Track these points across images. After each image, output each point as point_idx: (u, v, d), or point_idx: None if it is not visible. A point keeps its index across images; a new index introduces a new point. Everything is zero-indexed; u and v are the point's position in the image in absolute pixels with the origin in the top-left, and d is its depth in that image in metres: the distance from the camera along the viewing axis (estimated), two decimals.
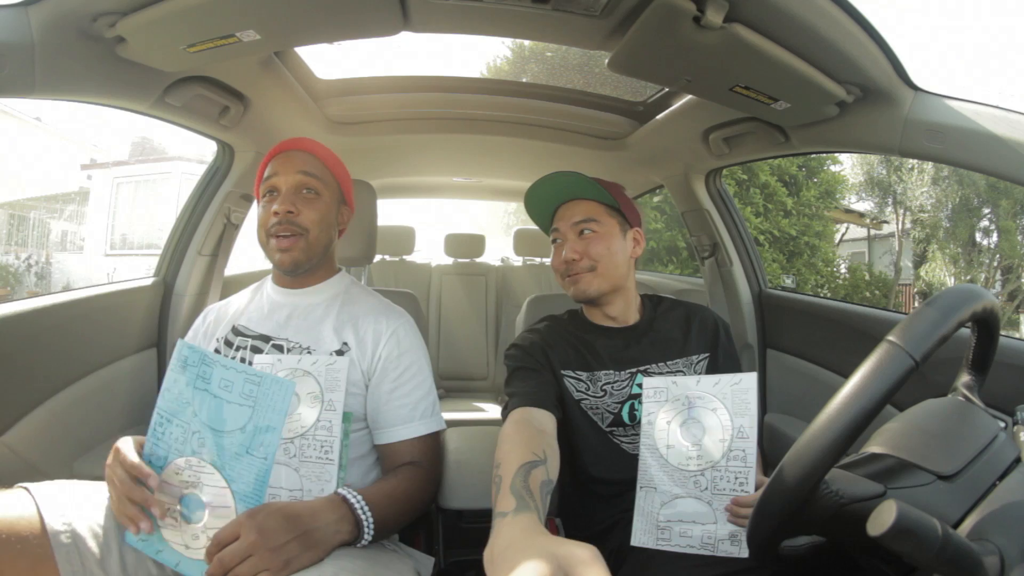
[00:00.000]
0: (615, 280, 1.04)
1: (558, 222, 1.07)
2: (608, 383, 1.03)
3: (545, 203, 1.10)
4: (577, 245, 1.03)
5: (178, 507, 0.73)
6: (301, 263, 0.99)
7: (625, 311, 1.08)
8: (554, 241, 1.09)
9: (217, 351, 1.00)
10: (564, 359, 1.04)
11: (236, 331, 1.01)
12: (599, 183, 1.05)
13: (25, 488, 0.75)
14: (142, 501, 0.71)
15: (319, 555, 0.71)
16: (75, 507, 0.75)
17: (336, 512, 0.76)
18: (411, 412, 0.96)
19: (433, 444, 0.99)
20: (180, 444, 0.74)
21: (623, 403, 1.01)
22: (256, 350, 0.97)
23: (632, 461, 0.91)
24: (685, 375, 1.04)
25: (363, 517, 0.78)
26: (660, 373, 1.03)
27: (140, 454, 0.75)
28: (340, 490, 0.79)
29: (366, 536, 0.78)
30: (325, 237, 1.02)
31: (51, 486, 0.78)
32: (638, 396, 1.00)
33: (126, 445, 0.75)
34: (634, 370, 1.03)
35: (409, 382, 0.97)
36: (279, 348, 0.96)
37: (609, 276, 1.04)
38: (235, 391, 0.75)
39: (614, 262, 1.04)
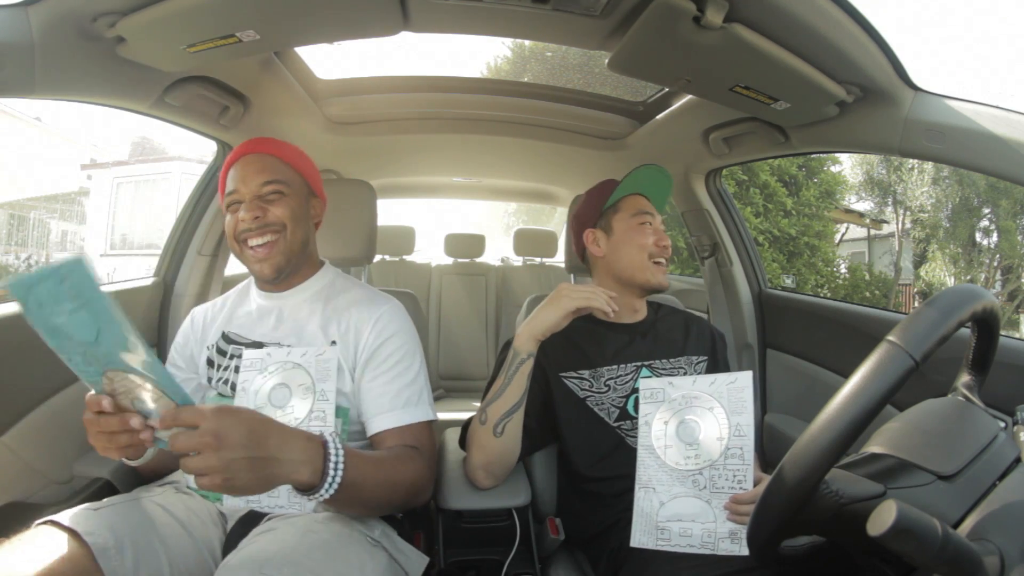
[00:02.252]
0: None
1: (648, 207, 1.12)
2: (611, 378, 1.04)
3: (642, 183, 1.14)
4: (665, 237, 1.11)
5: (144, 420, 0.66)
6: (282, 267, 0.96)
7: (642, 308, 1.14)
8: (644, 223, 1.11)
9: (210, 360, 0.99)
10: (562, 361, 1.05)
11: (227, 338, 0.99)
12: None
13: (69, 530, 0.69)
14: (127, 429, 0.65)
15: (264, 487, 0.65)
16: (119, 536, 0.72)
17: (306, 453, 0.68)
18: (393, 400, 0.91)
19: (423, 432, 0.93)
20: (85, 367, 0.66)
21: (628, 396, 1.02)
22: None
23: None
24: (686, 373, 1.05)
25: (331, 471, 0.70)
26: (663, 368, 1.05)
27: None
28: (327, 435, 0.72)
29: (323, 492, 0.69)
30: (301, 232, 0.98)
31: (83, 517, 0.73)
32: None
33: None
34: (639, 363, 1.05)
35: (392, 369, 0.93)
36: None
37: None
38: (64, 305, 0.62)
39: None
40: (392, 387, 0.92)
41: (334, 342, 0.95)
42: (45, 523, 0.71)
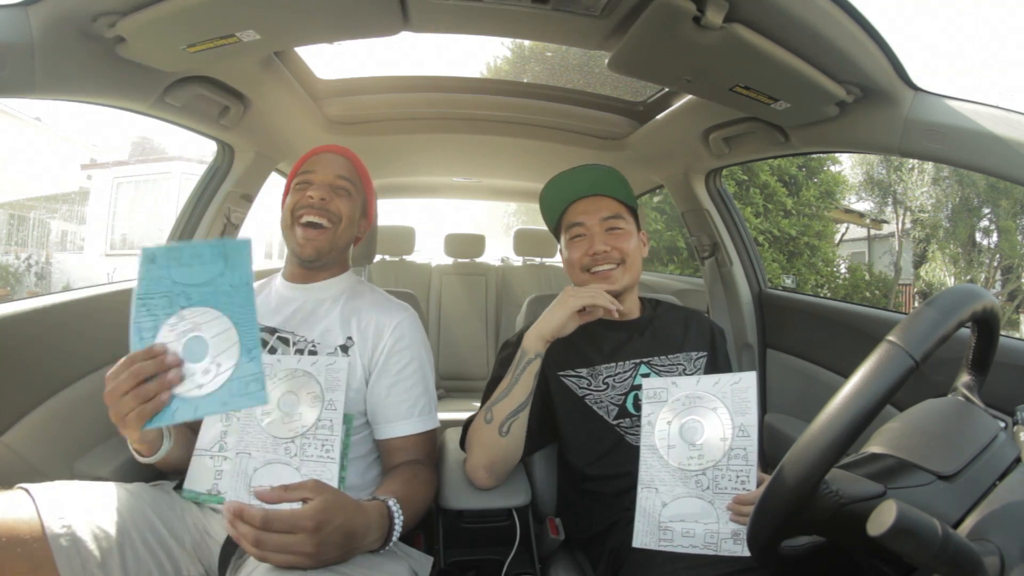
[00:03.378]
0: (636, 277, 1.07)
1: (580, 216, 1.06)
2: (610, 376, 1.04)
3: (562, 197, 1.10)
4: (607, 239, 1.03)
5: (181, 358, 0.72)
6: (323, 253, 1.01)
7: (631, 307, 1.11)
8: (575, 236, 1.07)
9: None
10: (561, 360, 1.05)
11: None
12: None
13: (24, 489, 0.75)
14: (160, 369, 0.70)
15: (346, 560, 0.72)
16: (75, 509, 0.75)
17: (381, 531, 0.76)
18: (410, 408, 0.97)
19: (432, 441, 1.01)
20: (166, 309, 0.73)
21: (626, 394, 1.02)
22: (262, 342, 0.97)
23: (638, 454, 0.91)
24: (685, 369, 1.05)
25: (395, 535, 0.78)
26: (662, 365, 1.05)
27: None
28: (391, 505, 0.79)
29: (384, 549, 0.79)
30: (349, 234, 1.06)
31: (51, 487, 0.77)
32: (641, 386, 1.00)
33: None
34: (637, 361, 1.05)
35: (410, 378, 0.98)
36: (284, 340, 0.97)
37: (633, 272, 1.06)
38: (206, 259, 0.74)
39: (637, 260, 1.06)
40: (410, 395, 0.97)
41: (350, 337, 0.98)
42: (22, 488, 0.75)
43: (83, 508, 0.76)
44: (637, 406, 1.01)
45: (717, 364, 1.09)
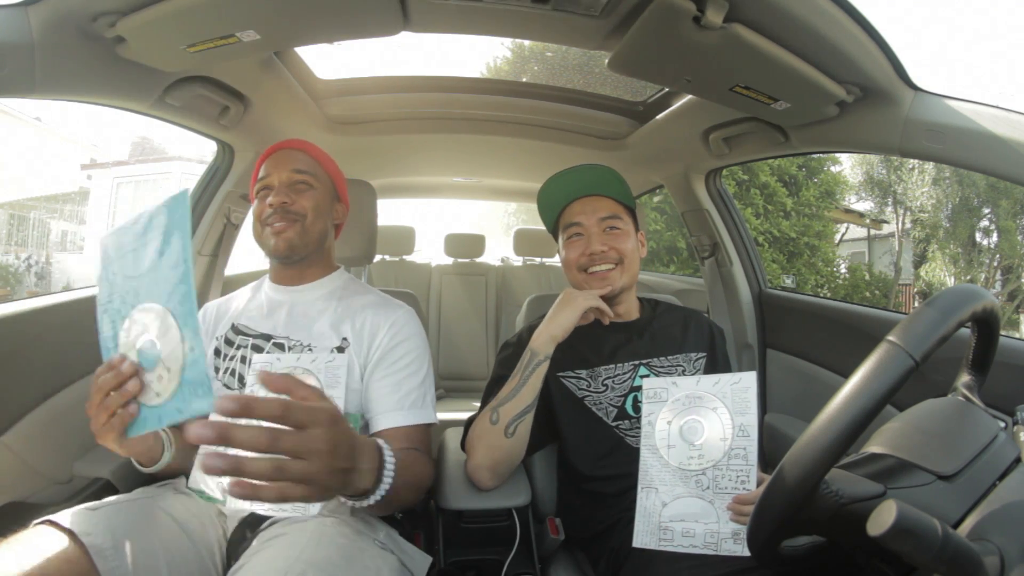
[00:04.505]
0: (634, 277, 1.07)
1: (578, 216, 1.05)
2: (609, 377, 1.04)
3: (559, 197, 1.09)
4: (604, 239, 1.03)
5: (141, 369, 0.67)
6: (296, 247, 0.99)
7: (629, 308, 1.11)
8: (572, 236, 1.06)
9: (218, 350, 0.99)
10: (560, 361, 1.05)
11: (236, 330, 1.00)
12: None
13: (67, 530, 0.69)
14: (124, 383, 0.66)
15: (331, 496, 0.62)
16: (121, 542, 0.71)
17: (371, 462, 0.67)
18: (401, 400, 0.93)
19: (426, 434, 0.97)
20: (121, 313, 0.69)
21: (625, 396, 1.02)
22: (257, 349, 0.97)
23: (637, 455, 0.91)
24: (684, 370, 1.05)
25: (386, 478, 0.69)
26: (661, 366, 1.05)
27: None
28: (382, 444, 0.71)
29: (372, 499, 0.69)
30: (320, 224, 1.03)
31: (77, 518, 0.72)
32: (640, 388, 1.00)
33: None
34: (637, 362, 1.04)
35: (403, 371, 0.96)
36: (280, 346, 0.96)
37: (631, 273, 1.05)
38: (148, 234, 0.68)
39: (635, 260, 1.06)
40: (402, 388, 0.95)
41: (345, 339, 0.96)
42: (43, 523, 0.71)
43: (124, 534, 0.73)
44: (636, 408, 1.01)
45: (716, 364, 1.09)
